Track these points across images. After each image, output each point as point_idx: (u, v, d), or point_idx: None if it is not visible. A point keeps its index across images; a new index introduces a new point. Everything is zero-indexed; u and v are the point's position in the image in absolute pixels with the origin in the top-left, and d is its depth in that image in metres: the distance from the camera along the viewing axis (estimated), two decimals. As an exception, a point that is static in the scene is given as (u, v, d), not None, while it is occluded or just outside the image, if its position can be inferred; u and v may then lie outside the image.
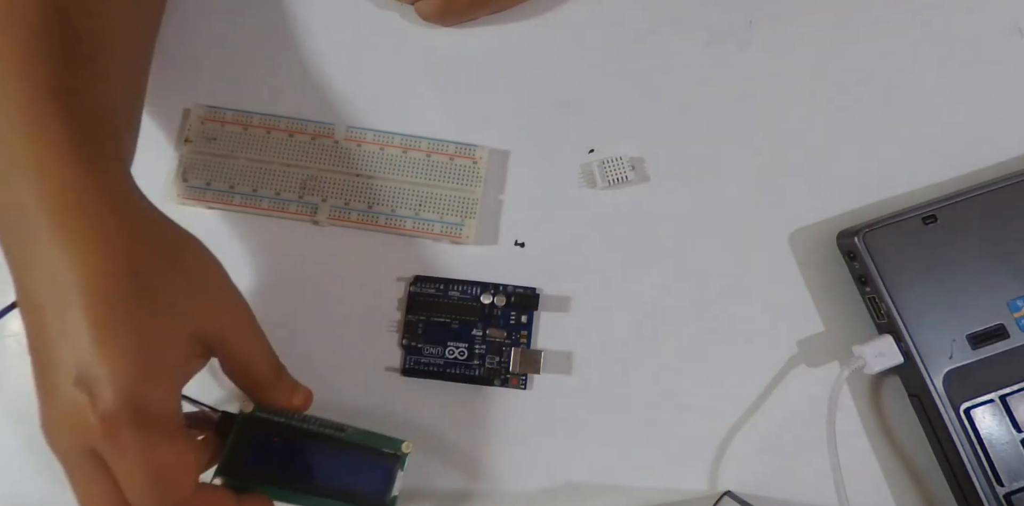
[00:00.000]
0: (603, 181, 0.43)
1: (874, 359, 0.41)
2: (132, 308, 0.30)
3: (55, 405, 0.30)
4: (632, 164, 0.43)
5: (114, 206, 0.31)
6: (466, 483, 0.42)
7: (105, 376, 0.29)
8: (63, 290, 0.29)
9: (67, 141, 0.30)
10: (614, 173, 0.43)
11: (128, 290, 0.30)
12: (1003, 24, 0.46)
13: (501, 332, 0.42)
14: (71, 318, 0.29)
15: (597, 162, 0.43)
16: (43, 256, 0.29)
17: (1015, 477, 0.40)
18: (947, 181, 0.45)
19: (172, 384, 0.31)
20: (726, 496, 0.42)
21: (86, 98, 0.32)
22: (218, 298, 0.33)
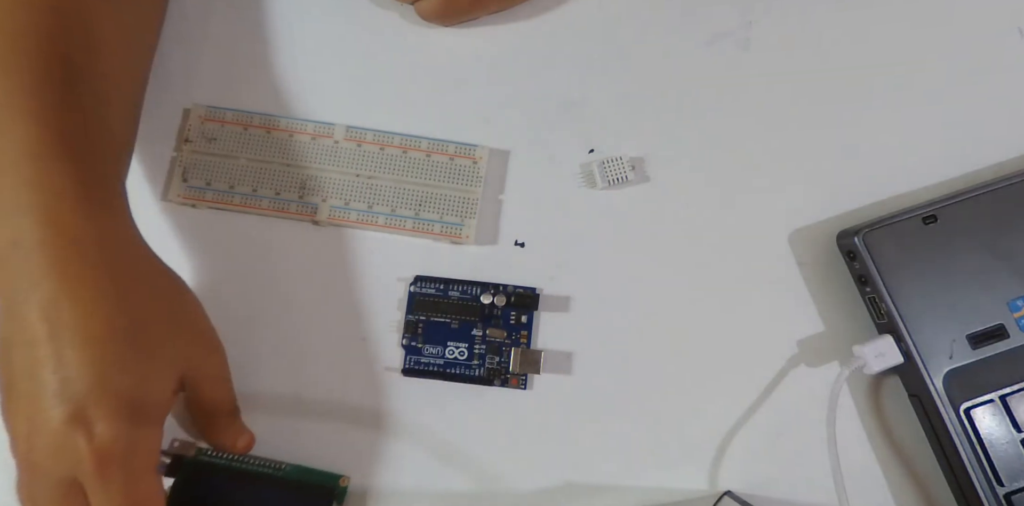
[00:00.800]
0: (603, 181, 0.43)
1: (874, 359, 0.41)
2: (129, 351, 0.31)
3: (44, 437, 0.30)
4: (632, 164, 0.43)
5: (114, 251, 0.32)
6: (466, 483, 0.42)
7: (103, 416, 0.29)
8: (61, 329, 0.29)
9: (72, 185, 0.31)
10: (614, 173, 0.43)
11: (126, 333, 0.31)
12: (1003, 24, 0.46)
13: (501, 332, 0.42)
14: (68, 357, 0.29)
15: (597, 162, 0.43)
16: (41, 295, 0.30)
17: (1015, 477, 0.40)
18: (947, 181, 0.45)
19: (160, 424, 0.32)
20: (726, 496, 0.42)
21: (90, 136, 0.33)
22: (202, 342, 0.35)
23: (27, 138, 0.31)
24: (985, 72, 0.46)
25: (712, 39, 0.45)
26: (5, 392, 0.31)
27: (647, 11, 0.46)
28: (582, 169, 0.44)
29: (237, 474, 0.39)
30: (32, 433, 0.30)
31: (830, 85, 0.45)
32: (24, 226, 0.30)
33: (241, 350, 0.42)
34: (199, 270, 0.42)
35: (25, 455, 0.31)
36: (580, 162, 0.44)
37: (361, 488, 0.42)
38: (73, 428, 0.29)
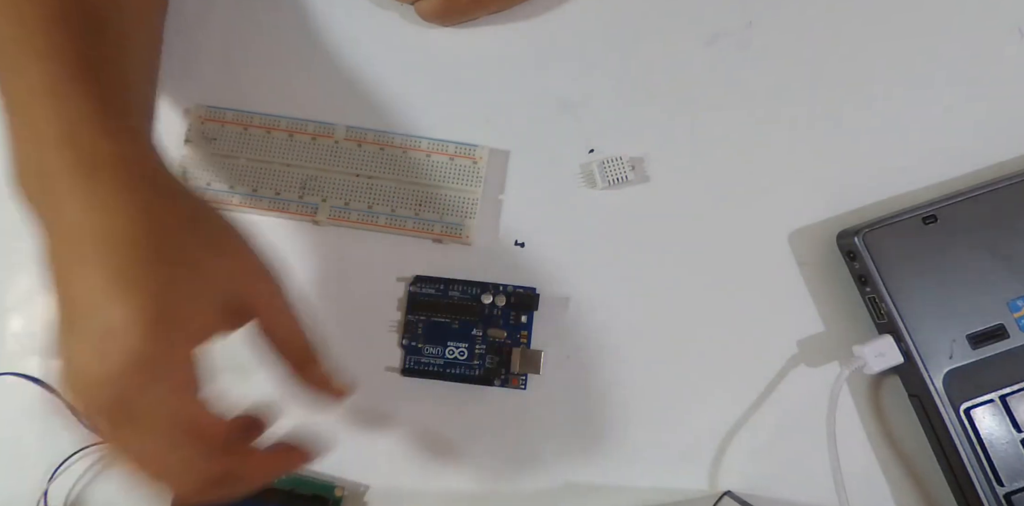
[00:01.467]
0: (603, 181, 0.43)
1: (874, 359, 0.41)
2: (152, 263, 0.30)
3: (77, 356, 0.30)
4: (632, 164, 0.43)
5: (139, 173, 0.32)
6: (466, 483, 0.42)
7: (119, 326, 0.29)
8: (85, 247, 0.30)
9: (92, 113, 0.32)
10: (614, 173, 0.43)
11: (149, 247, 0.30)
12: (1003, 24, 0.46)
13: (501, 332, 0.42)
14: (91, 274, 0.29)
15: (597, 162, 0.43)
16: (69, 218, 0.30)
17: (1015, 477, 0.40)
18: (947, 181, 0.45)
19: (186, 337, 0.31)
20: (726, 496, 0.42)
21: (108, 72, 0.33)
22: (247, 266, 0.33)
23: (46, 75, 0.32)
24: (985, 72, 0.46)
25: (712, 39, 0.45)
26: (58, 325, 0.31)
27: (647, 11, 0.46)
28: (582, 169, 0.44)
29: None
30: (65, 360, 0.30)
31: (830, 85, 0.45)
32: (47, 157, 0.31)
33: (240, 350, 0.42)
34: (199, 270, 0.42)
35: (67, 385, 0.30)
36: (580, 162, 0.44)
37: (361, 488, 0.42)
38: (100, 344, 0.29)
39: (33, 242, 0.42)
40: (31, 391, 0.40)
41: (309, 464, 0.35)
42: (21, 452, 0.41)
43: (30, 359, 0.42)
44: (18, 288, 0.42)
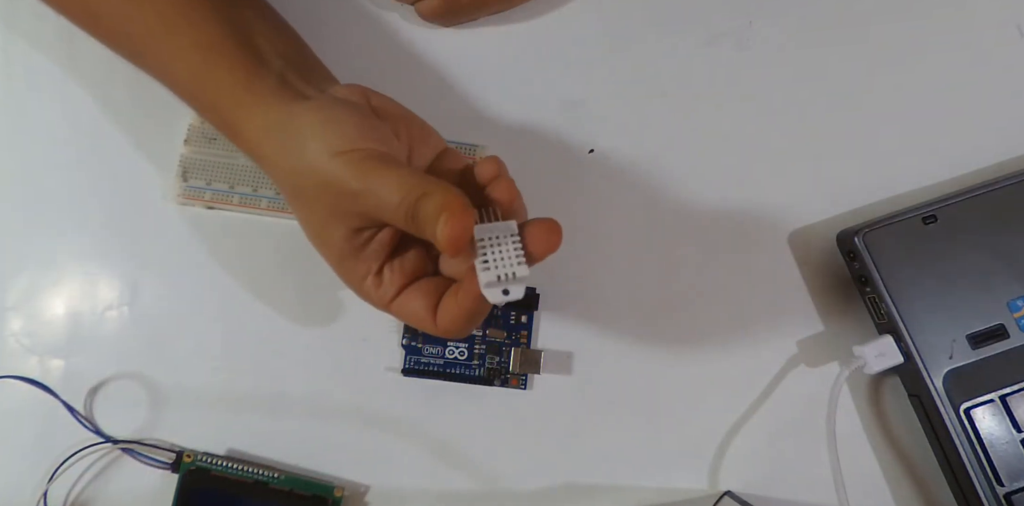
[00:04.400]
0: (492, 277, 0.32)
1: (874, 359, 0.41)
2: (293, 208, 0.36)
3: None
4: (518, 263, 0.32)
5: (257, 139, 0.35)
6: (466, 483, 0.42)
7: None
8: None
9: (232, 86, 0.35)
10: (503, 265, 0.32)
11: (288, 192, 0.35)
12: (1003, 24, 0.46)
13: (501, 332, 0.42)
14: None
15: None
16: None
17: (1015, 477, 0.40)
18: (947, 181, 0.45)
19: (359, 280, 0.35)
20: (726, 496, 0.42)
21: (247, 42, 0.36)
22: (347, 195, 0.33)
23: (196, 37, 0.35)
24: (985, 72, 0.46)
25: (712, 39, 0.45)
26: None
27: (647, 11, 0.46)
28: (581, 169, 0.44)
29: (232, 484, 0.40)
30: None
31: (830, 85, 0.45)
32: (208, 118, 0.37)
33: (241, 350, 0.42)
34: (199, 270, 0.42)
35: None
36: (580, 162, 0.44)
37: (361, 488, 0.42)
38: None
39: (33, 242, 0.42)
40: (31, 392, 0.40)
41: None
42: (21, 452, 0.41)
43: (30, 359, 0.42)
44: (18, 288, 0.42)
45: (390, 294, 0.35)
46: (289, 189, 0.35)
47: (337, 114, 0.34)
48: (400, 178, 0.32)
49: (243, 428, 0.42)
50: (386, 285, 0.35)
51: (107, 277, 0.42)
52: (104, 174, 0.43)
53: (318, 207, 0.34)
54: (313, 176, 0.33)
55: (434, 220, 0.30)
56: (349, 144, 0.33)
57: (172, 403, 0.42)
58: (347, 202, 0.33)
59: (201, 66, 0.35)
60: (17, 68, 0.43)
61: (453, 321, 0.34)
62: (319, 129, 0.33)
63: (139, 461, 0.41)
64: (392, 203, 0.31)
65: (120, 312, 0.42)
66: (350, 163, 0.32)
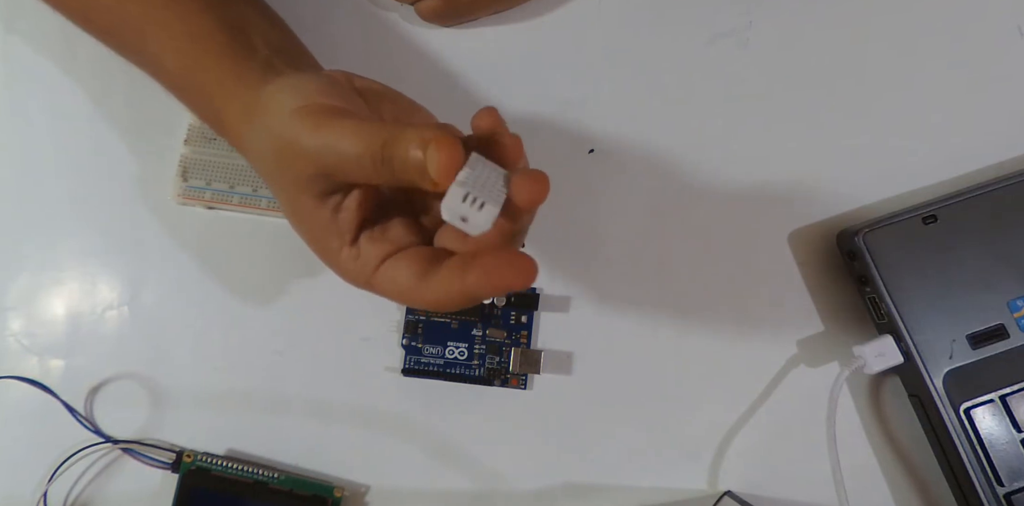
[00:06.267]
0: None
1: (874, 359, 0.41)
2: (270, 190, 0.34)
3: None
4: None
5: (237, 125, 0.34)
6: (466, 483, 0.42)
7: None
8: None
9: (220, 75, 0.34)
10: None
11: (263, 173, 0.34)
12: (1003, 24, 0.46)
13: (501, 332, 0.42)
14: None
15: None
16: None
17: (1015, 477, 0.40)
18: (947, 181, 0.45)
19: (335, 251, 0.33)
20: (726, 496, 0.42)
21: (236, 31, 0.36)
22: (301, 155, 0.31)
23: (185, 28, 0.35)
24: (985, 72, 0.46)
25: (712, 39, 0.45)
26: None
27: (647, 11, 0.46)
28: (581, 169, 0.44)
29: (232, 484, 0.40)
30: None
31: (830, 85, 0.45)
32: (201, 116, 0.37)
33: (241, 350, 0.42)
34: (199, 270, 0.42)
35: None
36: (580, 162, 0.44)
37: (361, 488, 0.42)
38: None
39: (33, 242, 0.42)
40: (31, 392, 0.40)
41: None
42: (21, 453, 0.41)
43: (30, 359, 0.42)
44: (18, 288, 0.42)
45: (371, 265, 0.32)
46: (263, 170, 0.33)
47: (301, 79, 0.33)
48: (358, 126, 0.29)
49: (243, 428, 0.42)
50: (365, 256, 0.32)
51: (107, 277, 0.42)
52: (104, 174, 0.43)
53: (285, 180, 0.32)
54: (274, 141, 0.31)
55: (415, 159, 0.28)
56: (303, 100, 0.31)
57: (172, 403, 0.42)
58: (306, 164, 0.30)
59: (190, 57, 0.35)
60: (17, 68, 0.43)
61: (449, 292, 0.30)
62: (279, 95, 0.32)
63: (139, 461, 0.41)
64: (353, 153, 0.29)
65: (120, 312, 0.42)
66: (304, 117, 0.30)
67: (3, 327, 0.42)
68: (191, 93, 0.36)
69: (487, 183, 0.28)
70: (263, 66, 0.35)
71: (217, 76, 0.34)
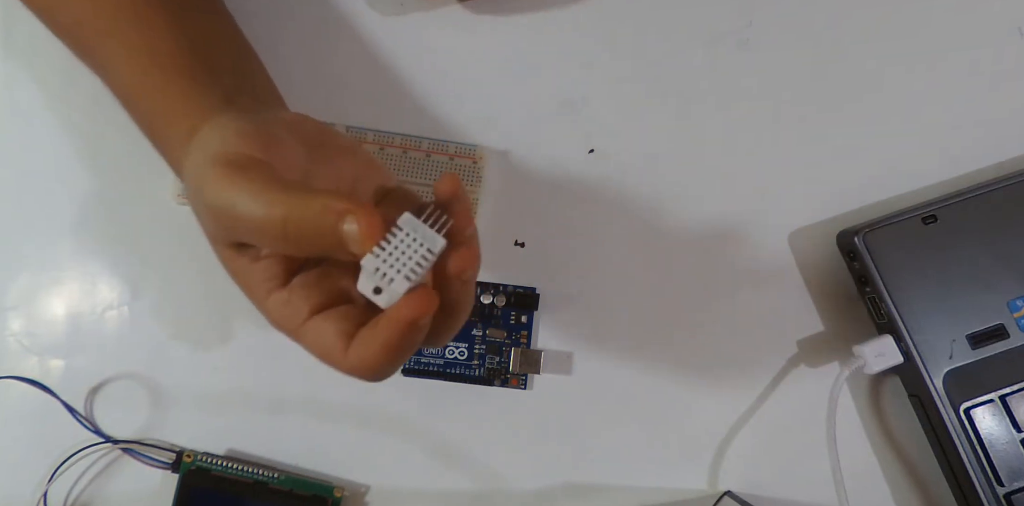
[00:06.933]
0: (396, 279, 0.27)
1: (874, 359, 0.41)
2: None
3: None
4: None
5: (176, 152, 0.32)
6: (466, 483, 0.42)
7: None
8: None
9: (169, 93, 0.33)
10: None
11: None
12: (1003, 24, 0.46)
13: (501, 332, 0.42)
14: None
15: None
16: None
17: (1015, 477, 0.40)
18: (947, 181, 0.45)
19: (261, 299, 0.30)
20: (726, 496, 0.42)
21: (201, 54, 0.34)
22: (210, 207, 0.29)
23: (148, 40, 0.34)
24: (985, 72, 0.46)
25: (712, 39, 0.45)
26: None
27: (647, 11, 0.45)
28: (581, 169, 0.44)
29: (232, 484, 0.40)
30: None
31: (829, 85, 0.45)
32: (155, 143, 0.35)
33: (241, 350, 0.42)
34: (199, 270, 0.42)
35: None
36: (580, 162, 0.44)
37: (361, 488, 0.42)
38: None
39: (33, 242, 0.42)
40: (31, 392, 0.40)
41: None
42: (21, 453, 0.41)
43: (30, 359, 0.42)
44: (18, 288, 0.42)
45: (300, 315, 0.29)
46: (191, 203, 0.31)
47: (230, 120, 0.30)
48: (262, 189, 0.27)
49: (243, 428, 0.42)
50: (295, 304, 0.29)
51: (107, 277, 0.42)
52: (104, 174, 0.43)
53: (203, 225, 0.30)
54: (191, 182, 0.29)
55: (335, 230, 0.26)
56: (221, 146, 0.28)
57: (172, 403, 0.42)
58: (209, 217, 0.28)
59: (144, 71, 0.33)
60: (18, 68, 0.43)
61: (367, 355, 0.28)
62: (208, 134, 0.30)
63: (139, 461, 0.41)
64: (253, 220, 0.27)
65: (120, 312, 0.42)
66: (214, 166, 0.28)
67: (3, 327, 0.42)
68: (138, 108, 0.34)
69: (407, 252, 0.26)
70: (220, 95, 0.32)
71: (165, 96, 0.33)
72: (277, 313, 0.29)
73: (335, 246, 0.26)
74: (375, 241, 0.26)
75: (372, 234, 0.26)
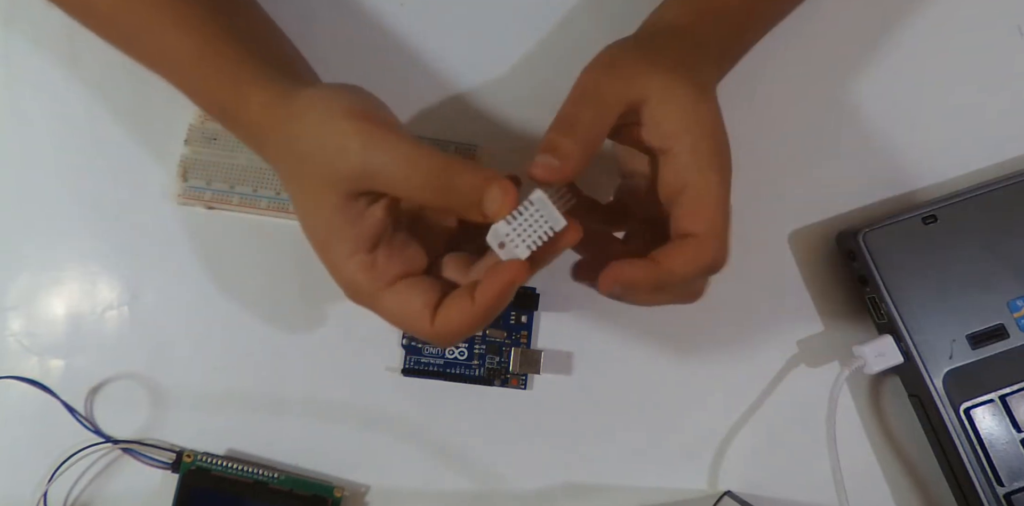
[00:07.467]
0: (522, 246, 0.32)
1: (874, 359, 0.41)
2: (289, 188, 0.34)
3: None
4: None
5: (256, 116, 0.34)
6: (466, 483, 0.42)
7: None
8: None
9: (232, 67, 0.35)
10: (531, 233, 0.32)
11: (287, 165, 0.33)
12: (1003, 24, 0.46)
13: (501, 332, 0.42)
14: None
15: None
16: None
17: (1015, 477, 0.40)
18: (947, 181, 0.45)
19: (350, 253, 0.32)
20: (726, 496, 0.42)
21: (243, 37, 0.36)
22: (329, 158, 0.32)
23: (195, 26, 0.35)
24: (985, 72, 0.46)
25: (712, 39, 0.45)
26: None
27: (647, 10, 0.45)
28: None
29: (232, 484, 0.40)
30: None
31: (829, 85, 0.45)
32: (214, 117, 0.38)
33: (241, 350, 0.42)
34: (199, 270, 0.42)
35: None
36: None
37: (361, 488, 0.42)
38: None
39: (33, 242, 0.42)
40: (31, 392, 0.40)
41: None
42: (21, 453, 0.41)
43: (30, 359, 0.42)
44: (18, 288, 0.42)
45: (384, 280, 0.32)
46: (286, 165, 0.33)
47: (347, 86, 0.33)
48: (416, 152, 0.30)
49: (243, 428, 0.42)
50: (381, 269, 0.32)
51: (107, 277, 0.42)
52: (104, 174, 0.43)
53: (313, 177, 0.32)
54: (312, 141, 0.31)
55: (476, 193, 0.30)
56: (358, 104, 0.32)
57: (172, 403, 0.42)
58: (349, 170, 0.31)
59: (201, 49, 0.35)
60: (18, 68, 0.43)
61: (458, 322, 0.31)
62: (333, 97, 0.32)
63: (139, 461, 0.41)
64: (406, 177, 0.30)
65: (120, 312, 0.42)
66: (355, 122, 0.31)
67: (3, 327, 0.42)
68: (198, 85, 0.36)
69: (533, 225, 0.31)
70: (276, 67, 0.35)
71: (230, 68, 0.35)
72: (360, 275, 0.32)
73: (472, 206, 0.31)
74: (509, 211, 0.30)
75: (509, 204, 0.30)
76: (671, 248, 0.33)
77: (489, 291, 0.31)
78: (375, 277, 0.32)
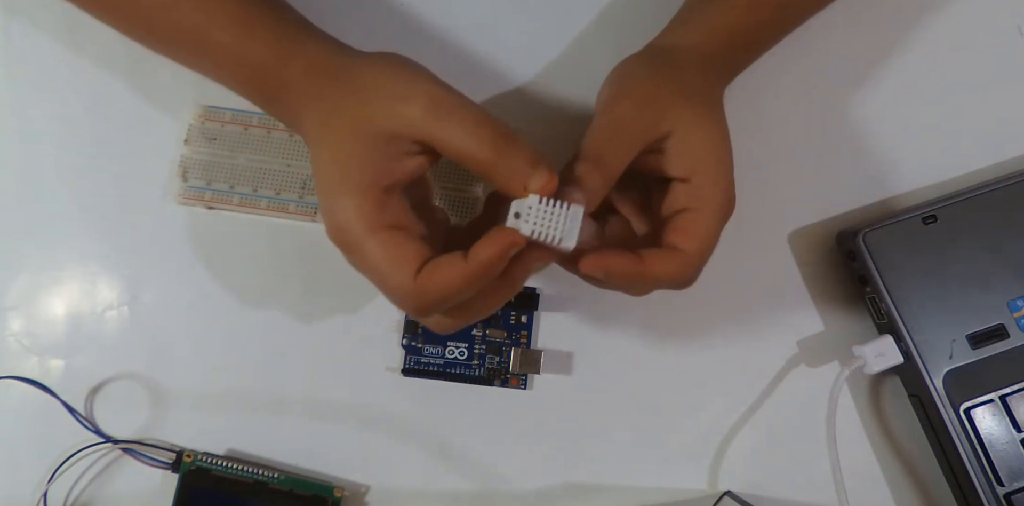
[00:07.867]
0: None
1: (874, 359, 0.41)
2: (315, 144, 0.34)
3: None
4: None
5: (297, 80, 0.35)
6: (466, 483, 0.42)
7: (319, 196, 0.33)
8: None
9: (269, 35, 0.36)
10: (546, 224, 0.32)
11: (330, 128, 0.33)
12: (1003, 24, 0.46)
13: (501, 332, 0.42)
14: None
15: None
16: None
17: (1015, 477, 0.40)
18: (947, 181, 0.45)
19: (363, 188, 0.32)
20: (726, 496, 0.42)
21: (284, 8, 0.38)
22: (393, 98, 0.33)
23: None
24: (985, 72, 0.46)
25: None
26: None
27: (648, 11, 0.45)
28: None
29: (232, 484, 0.40)
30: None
31: (829, 85, 0.45)
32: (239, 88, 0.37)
33: (241, 350, 0.42)
34: (199, 270, 0.42)
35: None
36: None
37: (361, 488, 0.42)
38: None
39: (33, 242, 0.42)
40: (31, 392, 0.40)
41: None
42: (21, 453, 0.41)
43: (30, 359, 0.42)
44: (18, 288, 0.42)
45: (381, 224, 0.31)
46: (340, 99, 0.33)
47: (400, 56, 0.35)
48: (477, 123, 0.32)
49: (243, 428, 0.42)
50: (384, 213, 0.32)
51: (107, 277, 0.42)
52: (104, 174, 0.43)
53: (368, 111, 0.32)
54: (388, 86, 0.33)
55: (525, 169, 0.31)
56: (424, 75, 0.33)
57: (172, 403, 0.42)
58: (407, 129, 0.32)
59: (237, 17, 0.35)
60: (18, 67, 0.43)
61: (446, 279, 0.31)
62: (401, 58, 0.34)
63: (139, 461, 0.41)
64: (464, 145, 0.31)
65: (120, 312, 0.42)
66: (436, 85, 0.33)
67: (3, 327, 0.42)
68: (233, 52, 0.36)
69: (548, 223, 0.31)
70: (318, 38, 0.36)
71: (265, 36, 0.35)
72: (360, 211, 0.31)
73: (514, 177, 0.31)
74: (549, 193, 0.31)
75: (550, 190, 0.31)
76: (660, 254, 0.34)
77: (486, 251, 0.31)
78: (374, 218, 0.31)
